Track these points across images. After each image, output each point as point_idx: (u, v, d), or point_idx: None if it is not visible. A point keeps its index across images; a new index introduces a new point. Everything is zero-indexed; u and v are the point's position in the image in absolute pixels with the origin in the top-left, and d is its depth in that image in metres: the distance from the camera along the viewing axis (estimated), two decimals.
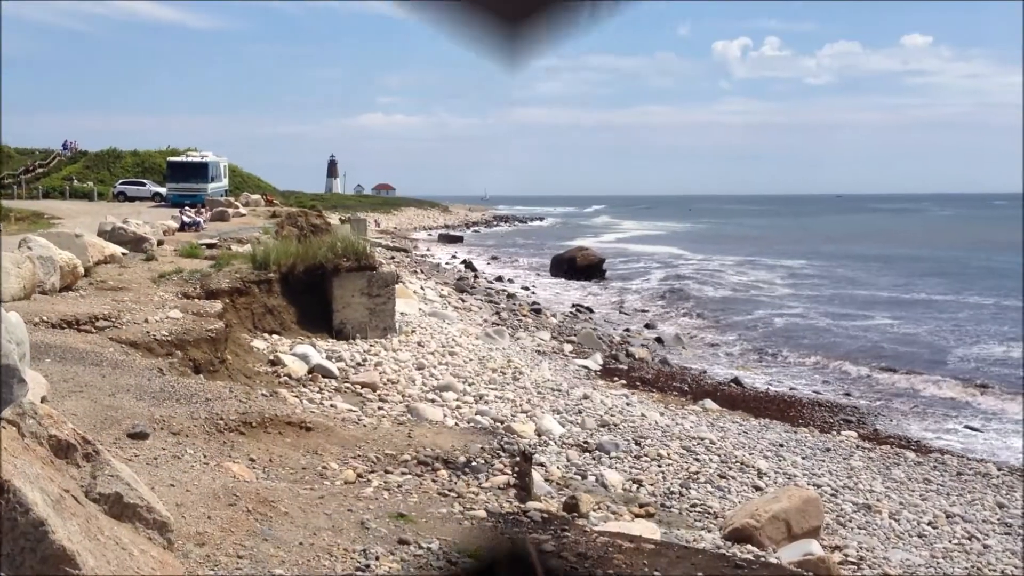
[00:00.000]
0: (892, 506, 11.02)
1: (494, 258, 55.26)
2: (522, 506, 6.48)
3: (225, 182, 46.03)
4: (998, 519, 11.34)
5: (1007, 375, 22.63)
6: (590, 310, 32.90)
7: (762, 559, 7.12)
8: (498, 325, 23.27)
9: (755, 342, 27.21)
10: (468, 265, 45.81)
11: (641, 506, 8.97)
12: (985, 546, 10.10)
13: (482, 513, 6.09)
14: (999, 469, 13.97)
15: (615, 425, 12.25)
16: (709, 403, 17.02)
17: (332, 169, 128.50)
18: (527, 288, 38.50)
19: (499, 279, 41.49)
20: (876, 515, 10.51)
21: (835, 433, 15.65)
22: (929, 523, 10.64)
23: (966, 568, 9.15)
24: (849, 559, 8.62)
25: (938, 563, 9.17)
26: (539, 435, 11.16)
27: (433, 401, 12.01)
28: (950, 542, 10.06)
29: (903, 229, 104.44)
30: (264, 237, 22.41)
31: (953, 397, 20.18)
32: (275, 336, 13.88)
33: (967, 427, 17.35)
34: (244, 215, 32.56)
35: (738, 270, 51.33)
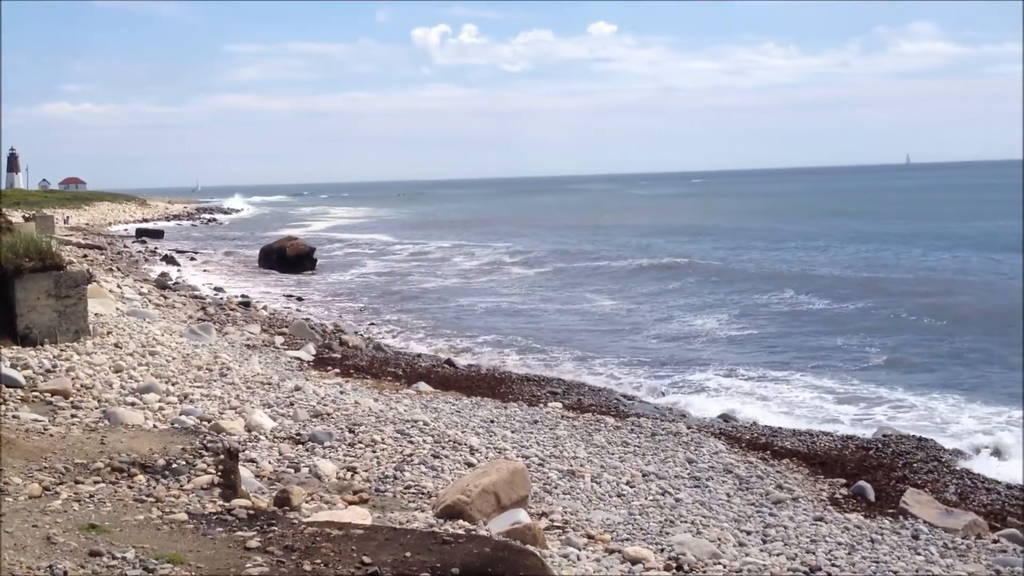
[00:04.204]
0: (594, 470, 11.64)
1: (199, 251, 53.10)
2: (227, 504, 6.29)
3: None
4: (688, 473, 12.27)
5: (706, 343, 24.61)
6: (301, 300, 32.45)
7: (472, 532, 7.31)
8: (204, 321, 22.38)
9: (470, 324, 27.88)
10: (170, 260, 43.74)
11: (355, 493, 8.93)
12: (677, 499, 10.89)
13: (183, 516, 5.86)
14: (688, 428, 15.11)
15: (329, 415, 12.11)
16: (423, 385, 17.25)
17: (13, 163, 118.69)
18: (235, 281, 37.36)
19: (205, 272, 39.99)
20: (579, 480, 11.07)
21: (542, 405, 16.31)
22: (627, 483, 11.33)
23: (660, 521, 9.82)
24: (555, 524, 9.02)
25: (635, 519, 9.79)
26: (249, 431, 10.83)
27: (133, 404, 11.35)
28: (646, 499, 10.76)
29: (599, 208, 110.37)
30: None
31: (656, 362, 21.64)
32: None
33: (660, 389, 18.72)
34: None
35: (450, 254, 52.32)
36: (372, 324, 27.44)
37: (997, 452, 14.40)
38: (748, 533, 9.80)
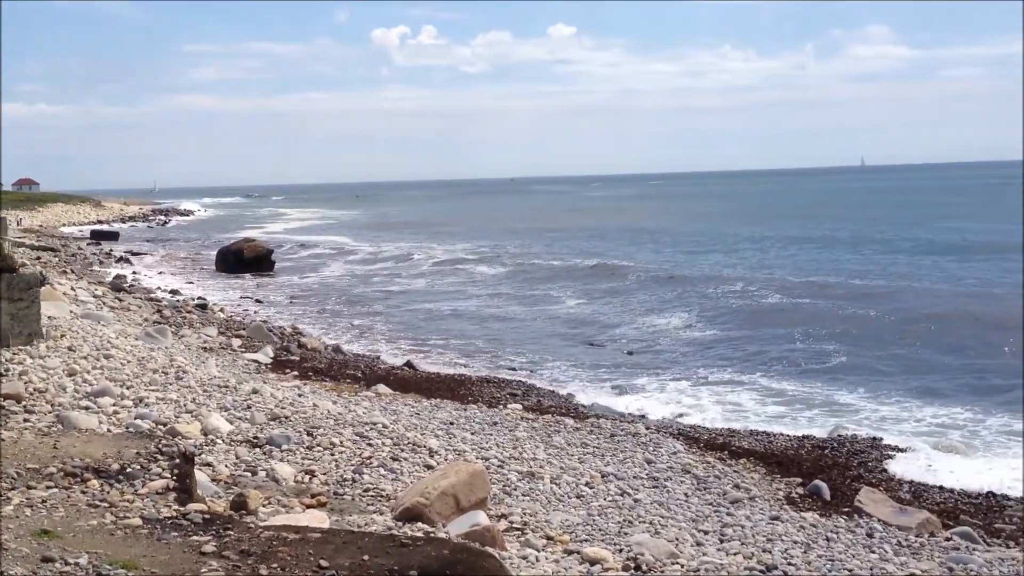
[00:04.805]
0: (553, 471, 11.66)
1: (154, 253, 52.51)
2: (182, 509, 6.23)
3: None
4: (647, 474, 12.33)
5: (664, 346, 24.76)
6: (260, 302, 32.21)
7: (430, 534, 7.30)
8: (160, 323, 22.15)
9: (429, 326, 27.83)
10: (125, 262, 43.27)
11: (313, 496, 8.87)
12: (636, 500, 10.94)
13: (137, 521, 5.80)
14: (647, 428, 15.19)
15: (286, 418, 12.02)
16: (382, 388, 17.19)
17: None
18: (192, 283, 37.00)
19: (161, 274, 39.60)
20: (539, 481, 11.08)
21: (502, 407, 16.33)
22: (587, 484, 11.37)
23: (619, 522, 9.86)
24: (514, 525, 9.02)
25: (594, 520, 9.82)
26: (205, 434, 10.72)
27: (87, 408, 11.19)
28: (605, 499, 10.80)
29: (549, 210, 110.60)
30: None
31: (615, 365, 21.73)
32: None
33: (614, 387, 18.88)
34: None
35: (408, 256, 52.12)
36: (331, 326, 27.30)
37: (950, 451, 14.62)
38: (706, 533, 9.87)
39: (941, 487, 13.09)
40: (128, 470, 6.93)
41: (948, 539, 10.64)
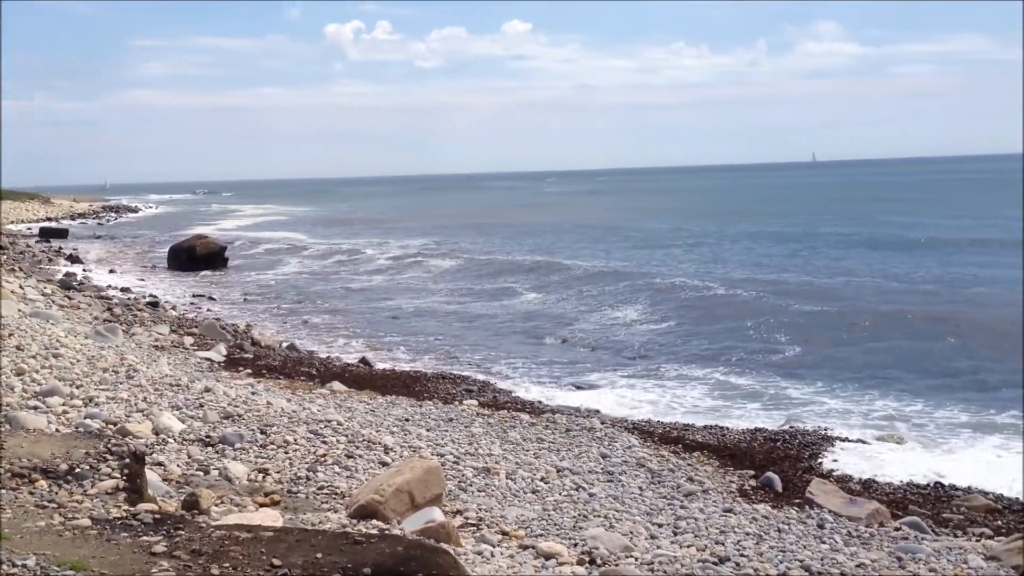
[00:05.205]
0: (509, 467, 11.69)
1: (104, 250, 51.77)
2: (132, 509, 6.16)
3: None
4: (602, 468, 12.39)
5: (617, 341, 24.87)
6: (213, 299, 31.90)
7: (385, 531, 7.29)
8: (110, 322, 21.85)
9: (384, 322, 27.74)
10: (74, 259, 42.62)
11: (266, 495, 8.82)
12: (591, 494, 11.00)
13: (86, 522, 5.72)
14: (602, 423, 15.26)
15: (240, 416, 11.93)
16: (337, 385, 17.11)
17: None
18: (143, 280, 36.55)
19: (111, 272, 39.06)
20: (494, 477, 11.11)
21: (457, 403, 16.32)
22: (542, 479, 11.41)
23: (574, 516, 9.91)
24: (469, 521, 9.04)
25: (549, 514, 9.86)
26: (157, 433, 10.61)
27: (36, 408, 11.03)
28: (560, 494, 10.85)
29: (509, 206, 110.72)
30: None
31: (570, 361, 21.79)
32: None
33: (574, 385, 18.90)
34: None
35: (363, 252, 51.83)
36: (285, 323, 27.12)
37: (899, 443, 14.87)
38: (660, 526, 9.95)
39: (890, 477, 13.30)
40: (77, 470, 6.84)
41: (897, 529, 10.81)
